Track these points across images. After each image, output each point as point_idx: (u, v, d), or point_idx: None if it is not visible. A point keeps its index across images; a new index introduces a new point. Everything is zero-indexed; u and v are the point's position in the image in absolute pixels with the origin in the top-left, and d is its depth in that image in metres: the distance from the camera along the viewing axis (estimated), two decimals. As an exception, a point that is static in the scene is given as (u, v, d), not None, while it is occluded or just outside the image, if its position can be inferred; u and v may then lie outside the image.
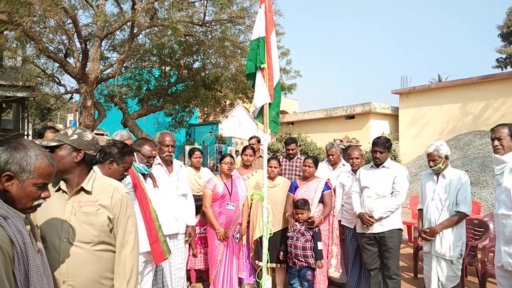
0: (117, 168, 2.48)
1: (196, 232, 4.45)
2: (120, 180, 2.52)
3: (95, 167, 2.30)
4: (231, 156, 4.36)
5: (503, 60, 25.20)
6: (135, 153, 3.10)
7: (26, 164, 1.46)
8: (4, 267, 1.27)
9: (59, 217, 1.92)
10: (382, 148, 3.86)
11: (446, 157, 3.67)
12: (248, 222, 4.49)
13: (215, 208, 4.18)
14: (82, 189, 1.98)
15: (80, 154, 1.98)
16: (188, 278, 4.56)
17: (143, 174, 3.13)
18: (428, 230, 3.68)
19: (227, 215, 4.17)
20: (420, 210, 3.92)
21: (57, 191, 1.97)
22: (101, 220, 1.98)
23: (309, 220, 3.98)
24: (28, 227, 1.49)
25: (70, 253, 1.90)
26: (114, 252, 2.04)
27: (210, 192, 4.18)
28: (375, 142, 3.92)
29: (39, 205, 1.54)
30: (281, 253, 4.14)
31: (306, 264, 3.87)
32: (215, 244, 4.15)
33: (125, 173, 2.58)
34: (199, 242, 4.66)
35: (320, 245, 3.92)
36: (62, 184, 1.98)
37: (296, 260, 3.90)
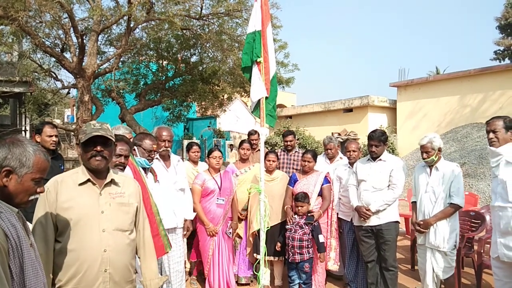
0: None
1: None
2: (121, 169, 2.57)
3: None
4: (219, 150, 4.36)
5: (501, 52, 25.13)
6: (136, 148, 3.11)
7: (25, 160, 1.48)
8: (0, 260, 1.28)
9: (94, 209, 1.98)
10: (378, 142, 3.87)
11: (439, 150, 3.70)
12: (247, 216, 4.51)
13: (205, 204, 4.14)
14: (111, 181, 2.07)
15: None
16: (191, 272, 4.61)
17: (144, 169, 3.14)
18: (422, 223, 3.70)
19: (217, 209, 4.14)
20: (414, 202, 3.94)
21: (81, 184, 2.00)
22: (133, 210, 2.14)
23: (309, 215, 4.00)
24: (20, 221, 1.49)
25: (111, 242, 1.98)
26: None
27: (199, 187, 4.13)
28: (371, 136, 3.92)
29: (31, 200, 1.57)
30: (278, 244, 4.17)
31: (300, 258, 3.90)
32: (206, 240, 4.14)
33: (118, 161, 2.58)
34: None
35: (321, 238, 3.94)
36: (91, 177, 2.02)
37: (291, 253, 3.93)
